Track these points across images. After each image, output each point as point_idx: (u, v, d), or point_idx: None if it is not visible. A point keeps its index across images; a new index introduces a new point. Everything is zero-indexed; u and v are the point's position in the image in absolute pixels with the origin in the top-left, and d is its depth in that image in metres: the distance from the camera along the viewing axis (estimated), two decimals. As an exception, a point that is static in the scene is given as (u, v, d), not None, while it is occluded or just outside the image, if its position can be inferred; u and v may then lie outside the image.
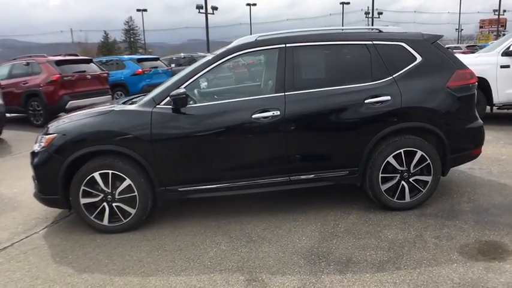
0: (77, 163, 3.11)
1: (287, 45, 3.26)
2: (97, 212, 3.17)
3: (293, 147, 3.21)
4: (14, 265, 2.80)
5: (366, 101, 3.19)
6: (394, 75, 3.28)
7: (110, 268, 2.72)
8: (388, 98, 3.21)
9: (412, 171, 3.34)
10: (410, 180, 3.36)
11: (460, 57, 7.60)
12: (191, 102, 3.23)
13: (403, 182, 3.35)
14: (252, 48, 3.31)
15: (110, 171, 3.11)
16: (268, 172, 3.25)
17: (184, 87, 3.14)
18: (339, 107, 3.20)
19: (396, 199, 3.38)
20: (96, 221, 3.19)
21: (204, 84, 3.98)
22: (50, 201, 3.22)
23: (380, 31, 3.50)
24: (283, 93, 3.18)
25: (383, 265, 2.60)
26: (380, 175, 3.30)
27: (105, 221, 3.19)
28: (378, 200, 3.39)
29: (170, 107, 3.12)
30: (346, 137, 3.26)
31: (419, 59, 3.34)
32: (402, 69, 3.30)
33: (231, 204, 3.66)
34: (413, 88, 3.28)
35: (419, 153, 3.30)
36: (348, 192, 3.74)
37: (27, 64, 8.42)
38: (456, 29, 59.07)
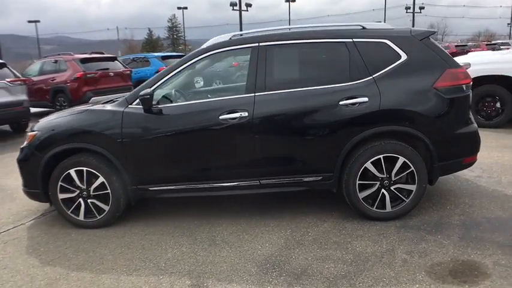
0: (57, 159, 3.26)
1: (260, 44, 3.15)
2: (74, 207, 3.30)
3: (262, 150, 3.10)
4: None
5: (340, 103, 2.99)
6: (374, 75, 3.04)
7: (72, 263, 2.81)
8: (366, 99, 2.99)
9: (393, 178, 3.10)
10: (392, 188, 3.12)
11: (488, 54, 6.95)
12: (168, 102, 3.25)
13: (383, 190, 3.12)
14: (226, 47, 3.23)
15: (85, 169, 3.22)
16: (237, 175, 3.18)
17: (155, 87, 3.16)
18: (311, 109, 3.04)
19: (376, 208, 3.15)
20: (72, 216, 3.32)
21: (200, 84, 3.99)
22: (32, 194, 3.40)
23: (364, 28, 3.26)
24: (253, 94, 3.08)
25: (337, 280, 2.44)
26: (357, 182, 3.09)
27: (81, 216, 3.31)
28: (356, 208, 3.19)
29: (141, 107, 3.15)
30: (319, 141, 3.09)
31: (403, 57, 3.07)
32: (384, 69, 3.06)
33: (209, 205, 3.64)
34: (394, 89, 3.03)
35: (401, 159, 3.04)
36: (332, 197, 3.56)
37: (56, 62, 9.01)
38: (508, 24, 54.14)
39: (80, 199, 3.28)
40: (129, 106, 3.19)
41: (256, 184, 3.18)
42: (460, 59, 6.62)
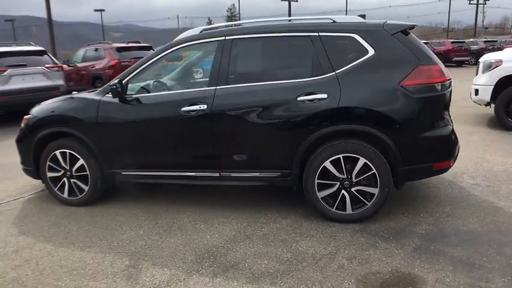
0: (47, 141, 3.61)
1: (226, 37, 3.16)
2: (59, 185, 3.65)
3: (220, 143, 3.14)
4: None
5: (298, 99, 2.91)
6: (337, 71, 2.90)
7: (42, 234, 3.13)
8: (324, 96, 2.87)
9: (354, 180, 2.96)
10: (353, 190, 2.98)
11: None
12: (145, 92, 3.43)
13: (343, 191, 2.99)
14: (195, 41, 3.29)
15: (68, 151, 3.53)
16: (198, 165, 3.26)
17: (128, 79, 3.33)
18: (268, 103, 2.99)
19: (336, 209, 3.04)
20: (58, 193, 3.67)
21: (199, 75, 4.11)
22: (27, 171, 3.81)
23: (334, 21, 3.10)
24: (214, 87, 3.12)
25: (261, 277, 2.43)
26: (316, 181, 3.01)
27: (65, 194, 3.64)
28: (315, 208, 3.10)
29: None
30: (276, 137, 3.04)
31: (371, 52, 2.88)
32: (348, 64, 2.90)
33: (189, 193, 3.75)
34: (356, 86, 2.87)
35: (361, 160, 2.89)
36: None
37: (96, 50, 9.78)
38: None
39: (65, 178, 3.61)
40: (106, 95, 3.41)
41: (216, 176, 3.24)
42: (493, 56, 5.96)
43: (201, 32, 3.33)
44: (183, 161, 3.29)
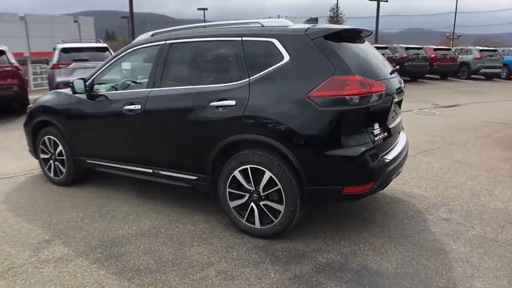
0: (41, 127, 4.24)
1: (166, 42, 3.31)
2: (47, 166, 4.27)
3: (150, 141, 3.31)
4: None
5: (210, 104, 2.90)
6: (251, 78, 2.81)
7: (19, 204, 3.66)
8: (233, 102, 2.81)
9: (262, 194, 2.82)
10: (261, 204, 2.85)
11: None
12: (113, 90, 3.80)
13: (252, 204, 2.88)
14: (144, 44, 3.50)
15: (52, 137, 4.11)
16: (137, 161, 3.48)
17: (92, 77, 3.73)
18: (186, 107, 3.04)
19: (246, 221, 2.95)
20: (47, 172, 4.29)
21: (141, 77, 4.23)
22: (30, 152, 4.53)
23: (262, 25, 2.98)
24: (150, 89, 3.30)
25: (126, 272, 2.53)
26: (227, 189, 2.96)
27: (52, 174, 4.25)
28: (228, 217, 3.05)
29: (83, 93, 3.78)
30: (193, 141, 3.07)
31: (286, 58, 2.71)
32: (263, 71, 2.78)
33: (154, 185, 3.92)
34: (264, 94, 2.73)
35: (267, 174, 2.75)
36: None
37: None
38: None
39: (51, 160, 4.22)
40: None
41: (150, 172, 3.42)
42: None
43: (152, 35, 3.55)
44: (127, 156, 3.55)
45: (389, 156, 2.80)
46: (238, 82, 2.85)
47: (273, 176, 2.72)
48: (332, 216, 3.29)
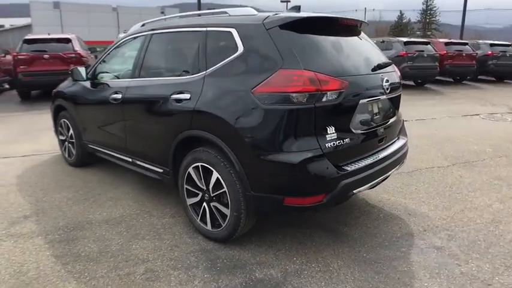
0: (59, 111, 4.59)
1: (148, 32, 3.27)
2: (64, 147, 4.61)
3: (127, 131, 3.33)
4: (11, 163, 4.68)
5: (171, 97, 2.78)
6: (207, 70, 2.62)
7: (35, 181, 4.02)
8: (188, 96, 2.66)
9: (212, 194, 2.65)
10: (211, 205, 2.67)
11: None
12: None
13: (205, 204, 2.72)
14: (134, 35, 3.51)
15: (66, 121, 4.42)
16: (119, 149, 3.55)
17: (94, 67, 3.88)
18: (153, 98, 2.98)
19: (200, 221, 2.80)
20: (63, 152, 4.64)
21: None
22: (55, 132, 4.94)
23: (229, 15, 2.74)
24: (130, 79, 3.30)
25: (69, 256, 2.57)
26: (185, 186, 2.84)
27: (66, 155, 4.58)
28: (186, 214, 2.93)
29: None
30: (157, 133, 3.00)
31: (240, 50, 2.46)
32: (218, 63, 2.56)
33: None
34: (214, 88, 2.53)
35: (215, 174, 2.56)
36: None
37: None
38: None
39: (66, 142, 4.55)
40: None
41: (130, 161, 3.46)
42: None
43: (141, 26, 3.54)
44: (113, 143, 3.64)
45: (354, 166, 2.39)
46: (196, 75, 2.68)
47: (220, 178, 2.52)
48: (304, 226, 2.96)
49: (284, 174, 2.24)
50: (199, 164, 2.65)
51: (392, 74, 2.86)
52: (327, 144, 2.25)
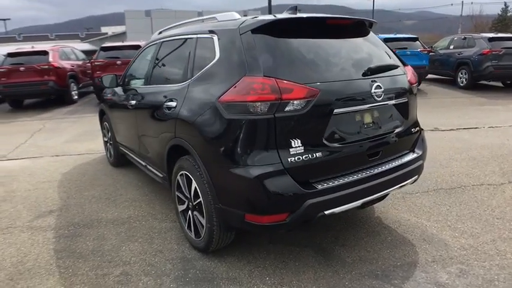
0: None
1: (160, 40, 3.37)
2: (106, 148, 5.05)
3: (139, 136, 3.49)
4: (64, 161, 5.25)
5: (164, 104, 2.83)
6: (192, 78, 2.60)
7: (75, 178, 4.49)
8: (174, 104, 2.67)
9: (193, 202, 2.62)
10: (194, 214, 2.65)
11: None
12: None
13: (190, 212, 2.72)
14: (151, 43, 3.64)
15: (107, 124, 4.81)
16: (136, 152, 3.74)
17: (125, 72, 4.14)
18: (152, 105, 3.07)
19: (187, 228, 2.81)
20: (106, 152, 5.08)
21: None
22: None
23: (218, 21, 2.66)
24: (143, 86, 3.46)
25: (66, 252, 2.78)
26: (176, 192, 2.87)
27: (108, 155, 4.99)
28: (178, 220, 2.96)
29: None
30: (154, 139, 3.08)
31: (217, 57, 2.40)
32: (200, 71, 2.53)
33: None
34: (193, 96, 2.51)
35: (193, 183, 2.53)
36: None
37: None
38: None
39: (108, 144, 4.95)
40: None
41: (144, 165, 3.62)
42: None
43: (159, 33, 3.66)
44: (133, 147, 3.85)
45: (328, 184, 2.13)
46: (183, 83, 2.69)
47: (197, 187, 2.49)
48: (296, 244, 2.77)
49: (242, 188, 2.10)
50: (184, 172, 2.65)
51: (395, 79, 2.50)
52: (290, 159, 2.05)
